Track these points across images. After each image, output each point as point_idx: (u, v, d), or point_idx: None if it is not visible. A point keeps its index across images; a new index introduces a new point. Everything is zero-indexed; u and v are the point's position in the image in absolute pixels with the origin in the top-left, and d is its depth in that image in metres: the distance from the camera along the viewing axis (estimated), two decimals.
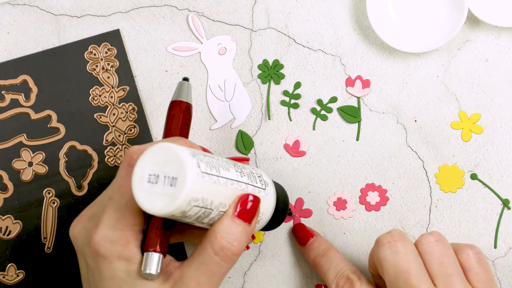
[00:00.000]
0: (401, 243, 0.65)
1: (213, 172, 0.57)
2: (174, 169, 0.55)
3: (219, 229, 0.60)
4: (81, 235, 0.62)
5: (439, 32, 0.79)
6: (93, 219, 0.62)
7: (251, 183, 0.63)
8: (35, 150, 0.81)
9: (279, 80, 0.81)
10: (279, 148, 0.81)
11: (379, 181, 0.80)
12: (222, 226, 0.60)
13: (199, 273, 0.60)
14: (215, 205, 0.58)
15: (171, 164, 0.55)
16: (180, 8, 0.82)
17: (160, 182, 0.55)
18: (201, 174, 0.55)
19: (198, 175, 0.55)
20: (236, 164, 0.63)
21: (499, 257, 0.79)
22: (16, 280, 0.80)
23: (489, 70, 0.80)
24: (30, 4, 0.82)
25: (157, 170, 0.56)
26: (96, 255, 0.60)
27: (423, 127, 0.80)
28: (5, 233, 0.80)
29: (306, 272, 0.80)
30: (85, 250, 0.61)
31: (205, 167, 0.56)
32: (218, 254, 0.60)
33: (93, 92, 0.82)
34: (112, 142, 0.81)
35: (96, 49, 0.82)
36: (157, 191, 0.55)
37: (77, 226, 0.63)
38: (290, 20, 0.82)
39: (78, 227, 0.63)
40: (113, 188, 0.61)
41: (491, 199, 0.79)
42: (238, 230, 0.60)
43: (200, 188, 0.56)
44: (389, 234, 0.66)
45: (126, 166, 0.61)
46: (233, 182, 0.60)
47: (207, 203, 0.57)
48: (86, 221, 0.63)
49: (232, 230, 0.60)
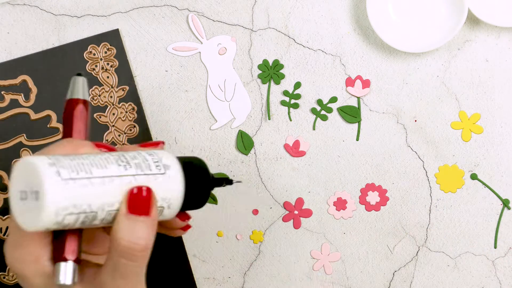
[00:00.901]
0: None
1: (82, 175, 0.55)
2: (35, 182, 0.53)
3: (118, 231, 0.56)
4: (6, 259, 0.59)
5: (439, 32, 0.79)
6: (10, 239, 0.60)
7: (141, 173, 0.59)
8: (35, 150, 0.81)
9: (279, 80, 0.81)
10: (279, 148, 0.81)
11: (379, 181, 0.80)
12: (119, 227, 0.56)
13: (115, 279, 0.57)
14: (96, 207, 0.56)
15: (32, 178, 0.53)
16: (180, 8, 0.82)
17: (29, 198, 0.54)
18: (62, 182, 0.53)
19: (58, 183, 0.53)
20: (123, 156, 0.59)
21: (499, 257, 0.79)
22: (16, 280, 0.80)
23: (489, 70, 0.80)
24: (30, 4, 0.82)
25: (24, 186, 0.54)
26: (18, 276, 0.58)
27: (423, 127, 0.80)
28: (6, 233, 0.80)
29: (306, 272, 0.80)
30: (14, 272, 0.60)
31: (69, 173, 0.54)
32: (124, 257, 0.57)
33: (93, 92, 0.82)
34: (112, 141, 0.81)
35: (95, 49, 0.82)
36: (27, 207, 0.54)
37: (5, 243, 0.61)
38: (290, 20, 0.82)
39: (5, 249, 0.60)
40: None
41: (491, 199, 0.79)
42: (138, 226, 0.57)
43: (66, 196, 0.53)
44: None
45: None
46: (113, 179, 0.56)
47: (84, 208, 0.55)
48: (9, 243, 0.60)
49: (130, 228, 0.56)
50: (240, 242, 0.81)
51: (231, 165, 0.81)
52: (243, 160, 0.81)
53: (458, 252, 0.79)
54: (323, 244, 0.81)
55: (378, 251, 0.80)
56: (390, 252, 0.80)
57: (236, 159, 0.81)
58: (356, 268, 0.80)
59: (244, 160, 0.81)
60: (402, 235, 0.80)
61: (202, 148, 0.81)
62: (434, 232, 0.80)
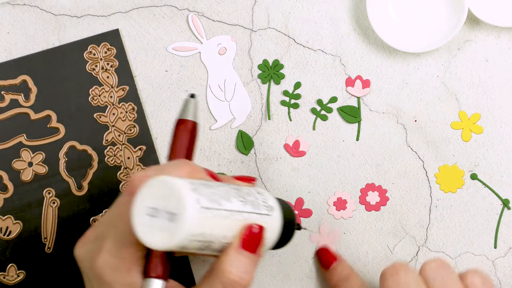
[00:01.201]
0: (403, 273, 0.65)
1: (214, 206, 0.56)
2: (174, 204, 0.54)
3: (227, 263, 0.58)
4: (85, 257, 0.61)
5: (439, 32, 0.79)
6: (96, 241, 0.61)
7: (254, 211, 0.61)
8: (35, 150, 0.81)
9: (279, 80, 0.81)
10: (279, 148, 0.81)
11: (379, 181, 0.80)
12: (229, 259, 0.59)
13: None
14: (216, 237, 0.57)
15: (170, 199, 0.54)
16: (180, 8, 0.82)
17: (160, 216, 0.54)
18: (200, 210, 0.54)
19: (197, 211, 0.54)
20: (240, 191, 0.61)
21: (499, 257, 0.79)
22: (17, 280, 0.80)
23: (489, 70, 0.80)
24: (30, 4, 0.82)
25: (157, 204, 0.55)
26: (100, 280, 0.59)
27: (423, 127, 0.80)
28: (6, 233, 0.80)
29: (306, 272, 0.80)
30: (89, 273, 0.61)
31: (206, 202, 0.55)
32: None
33: (93, 92, 0.82)
34: (112, 142, 0.81)
35: (95, 49, 0.82)
36: (156, 225, 0.54)
37: (81, 248, 0.62)
38: (290, 20, 0.82)
39: (83, 249, 0.62)
40: (115, 214, 0.60)
41: (491, 199, 0.79)
42: (246, 262, 0.59)
43: (200, 224, 0.55)
44: (392, 267, 0.66)
45: (128, 194, 0.59)
46: (234, 213, 0.58)
47: (208, 237, 0.56)
48: (90, 243, 0.62)
49: (239, 263, 0.59)
50: None
51: (231, 165, 0.81)
52: (243, 160, 0.81)
53: (458, 252, 0.79)
54: (320, 225, 0.80)
55: (378, 251, 0.80)
56: (390, 252, 0.80)
57: (236, 159, 0.81)
58: (356, 268, 0.80)
59: (244, 160, 0.81)
60: (402, 235, 0.80)
61: (202, 148, 0.81)
62: (434, 232, 0.80)
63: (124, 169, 0.81)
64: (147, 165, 0.81)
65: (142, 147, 0.81)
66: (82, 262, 0.62)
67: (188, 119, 0.66)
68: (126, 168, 0.81)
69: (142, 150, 0.81)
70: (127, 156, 0.81)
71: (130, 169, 0.81)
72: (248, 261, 0.59)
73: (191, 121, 0.66)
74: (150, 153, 0.81)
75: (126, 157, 0.81)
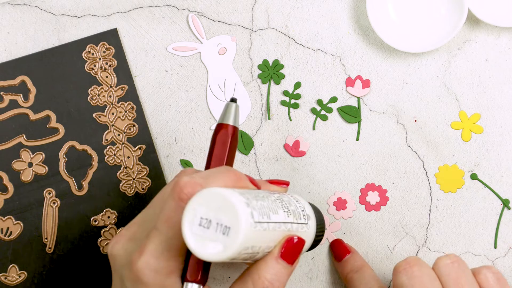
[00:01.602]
0: (416, 268, 0.65)
1: (265, 220, 0.56)
2: (228, 218, 0.54)
3: (263, 270, 0.60)
4: (121, 256, 0.62)
5: (439, 32, 0.79)
6: (134, 241, 0.62)
7: (296, 221, 0.62)
8: (34, 150, 0.81)
9: (279, 80, 0.81)
10: (279, 148, 0.81)
11: (379, 181, 0.80)
12: (266, 266, 0.60)
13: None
14: (262, 249, 0.58)
15: (225, 212, 0.54)
16: (180, 8, 0.82)
17: (212, 228, 0.54)
18: (253, 225, 0.54)
19: (251, 226, 0.54)
20: (283, 201, 0.62)
21: (499, 257, 0.79)
22: (18, 281, 0.80)
23: (489, 70, 0.80)
24: (30, 4, 0.82)
25: (210, 215, 0.54)
26: (137, 280, 0.59)
27: (423, 127, 0.80)
28: (6, 234, 0.80)
29: (306, 272, 0.80)
30: (124, 272, 0.61)
31: (258, 216, 0.55)
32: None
33: (92, 91, 0.82)
34: (111, 141, 0.81)
35: (94, 48, 0.82)
36: (208, 237, 0.54)
37: (116, 245, 0.63)
38: (290, 20, 0.82)
39: (118, 247, 0.63)
40: (160, 218, 0.59)
41: (491, 199, 0.80)
42: (282, 272, 0.61)
43: (252, 238, 0.55)
44: (405, 261, 0.66)
45: (177, 199, 0.58)
46: (280, 225, 0.59)
47: (256, 249, 0.57)
48: (126, 241, 0.63)
49: (275, 271, 0.60)
50: None
51: None
52: (243, 160, 0.81)
53: (458, 252, 0.79)
54: None
55: (378, 251, 0.80)
56: (390, 252, 0.80)
57: (236, 159, 0.81)
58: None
59: (244, 160, 0.81)
60: (402, 235, 0.80)
61: (202, 148, 0.81)
62: (434, 232, 0.80)
63: (124, 169, 0.81)
64: (147, 164, 0.81)
65: (142, 146, 0.81)
66: (116, 260, 0.63)
67: (229, 124, 0.66)
68: (126, 167, 0.81)
69: (142, 149, 0.81)
70: (127, 155, 0.81)
71: (130, 168, 0.81)
72: (284, 270, 0.61)
73: (232, 126, 0.66)
74: (150, 152, 0.81)
75: (126, 156, 0.81)
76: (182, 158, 0.81)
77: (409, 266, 0.66)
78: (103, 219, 0.80)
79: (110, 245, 0.64)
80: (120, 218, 0.81)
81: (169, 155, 0.82)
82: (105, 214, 0.80)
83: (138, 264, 0.59)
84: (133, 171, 0.81)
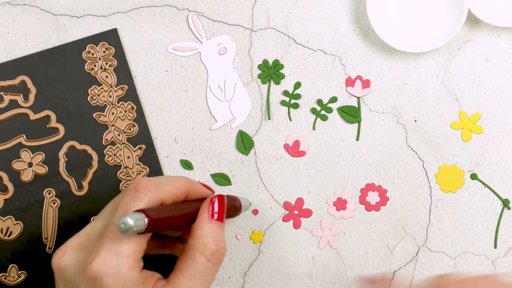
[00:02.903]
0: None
1: None
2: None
3: (204, 235, 0.62)
4: (71, 266, 0.61)
5: (439, 32, 0.79)
6: (82, 250, 0.61)
7: None
8: (34, 150, 0.81)
9: (279, 80, 0.81)
10: (279, 148, 0.81)
11: (379, 181, 0.80)
12: (204, 231, 0.62)
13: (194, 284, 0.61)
14: None
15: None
16: (180, 8, 0.82)
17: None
18: None
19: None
20: None
21: (499, 257, 0.79)
22: (18, 281, 0.80)
23: (489, 70, 0.80)
24: (30, 4, 0.82)
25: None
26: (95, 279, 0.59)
27: (423, 127, 0.80)
28: (6, 234, 0.80)
29: (306, 272, 0.80)
30: (78, 280, 0.60)
31: None
32: (210, 260, 0.61)
33: (92, 91, 0.82)
34: (111, 141, 0.81)
35: (94, 48, 0.82)
36: None
37: (64, 257, 0.62)
38: (290, 20, 0.82)
39: (66, 258, 0.62)
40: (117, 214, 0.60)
41: (491, 199, 0.80)
42: (219, 231, 0.63)
43: None
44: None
45: (132, 191, 0.60)
46: None
47: None
48: (74, 252, 0.62)
49: (214, 233, 0.62)
50: (240, 242, 0.81)
51: (231, 165, 0.81)
52: (243, 160, 0.81)
53: (458, 252, 0.79)
54: (322, 220, 0.81)
55: (378, 251, 0.80)
56: (390, 252, 0.80)
57: (236, 159, 0.81)
58: (356, 268, 0.80)
59: (244, 160, 0.81)
60: (402, 235, 0.80)
61: (202, 148, 0.81)
62: (434, 232, 0.80)
63: (124, 168, 0.81)
64: (147, 164, 0.81)
65: (142, 146, 0.81)
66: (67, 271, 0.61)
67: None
68: (126, 167, 0.81)
69: (142, 149, 0.81)
70: (127, 155, 0.81)
71: (130, 168, 0.81)
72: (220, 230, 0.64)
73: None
74: (149, 152, 0.81)
75: (126, 156, 0.81)
76: (182, 158, 0.81)
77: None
78: None
79: (56, 257, 0.62)
80: None
81: (169, 155, 0.82)
82: None
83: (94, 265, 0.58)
84: (133, 171, 0.81)
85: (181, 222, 0.63)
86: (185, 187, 0.65)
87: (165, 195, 0.62)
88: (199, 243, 0.61)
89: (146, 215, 0.58)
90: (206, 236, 0.62)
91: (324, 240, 0.80)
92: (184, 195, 0.65)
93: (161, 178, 0.63)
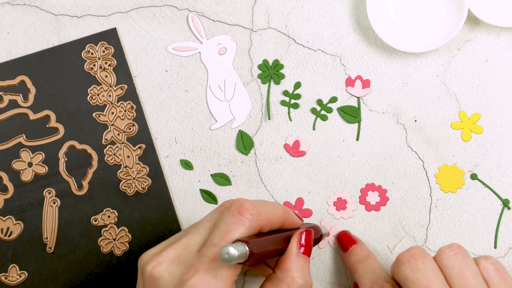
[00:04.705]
0: (420, 260, 0.66)
1: None
2: None
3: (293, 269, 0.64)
4: (164, 278, 0.62)
5: (439, 32, 0.79)
6: (178, 264, 0.62)
7: None
8: (34, 150, 0.81)
9: (279, 80, 0.81)
10: (279, 148, 0.81)
11: (379, 181, 0.80)
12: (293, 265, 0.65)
13: None
14: None
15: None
16: (180, 8, 0.82)
17: None
18: None
19: None
20: None
21: (499, 257, 0.79)
22: (19, 281, 0.80)
23: (489, 70, 0.80)
24: (30, 4, 0.82)
25: None
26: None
27: (423, 127, 0.80)
28: (6, 234, 0.80)
29: None
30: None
31: None
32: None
33: (91, 91, 0.82)
34: (111, 141, 0.81)
35: (93, 48, 0.82)
36: None
37: (159, 266, 0.63)
38: (290, 20, 0.82)
39: (161, 268, 0.62)
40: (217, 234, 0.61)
41: (491, 199, 0.80)
42: (306, 266, 0.65)
43: None
44: (409, 253, 0.67)
45: (236, 214, 0.62)
46: None
47: None
48: (169, 264, 0.62)
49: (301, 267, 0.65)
50: None
51: (231, 165, 0.81)
52: (243, 160, 0.81)
53: None
54: (322, 220, 0.81)
55: (378, 251, 0.80)
56: (390, 252, 0.80)
57: (236, 159, 0.81)
58: None
59: (244, 160, 0.81)
60: (402, 235, 0.80)
61: (202, 148, 0.81)
62: (434, 232, 0.80)
63: (124, 168, 0.81)
64: (146, 163, 0.81)
65: (142, 146, 0.81)
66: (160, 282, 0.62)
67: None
68: (126, 166, 0.81)
69: (142, 149, 0.81)
70: (126, 154, 0.81)
71: (129, 167, 0.81)
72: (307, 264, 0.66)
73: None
74: (149, 152, 0.81)
75: (126, 155, 0.81)
76: (182, 158, 0.81)
77: (413, 258, 0.66)
78: (103, 218, 0.80)
79: (150, 266, 0.63)
80: (120, 217, 0.81)
81: (169, 155, 0.82)
82: (105, 214, 0.80)
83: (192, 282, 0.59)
84: (133, 171, 0.81)
85: (274, 254, 0.66)
86: (283, 217, 0.67)
87: (265, 223, 0.64)
88: (287, 277, 0.64)
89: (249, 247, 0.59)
90: (295, 270, 0.64)
91: (324, 240, 0.80)
92: (280, 224, 0.67)
93: (262, 203, 0.64)
